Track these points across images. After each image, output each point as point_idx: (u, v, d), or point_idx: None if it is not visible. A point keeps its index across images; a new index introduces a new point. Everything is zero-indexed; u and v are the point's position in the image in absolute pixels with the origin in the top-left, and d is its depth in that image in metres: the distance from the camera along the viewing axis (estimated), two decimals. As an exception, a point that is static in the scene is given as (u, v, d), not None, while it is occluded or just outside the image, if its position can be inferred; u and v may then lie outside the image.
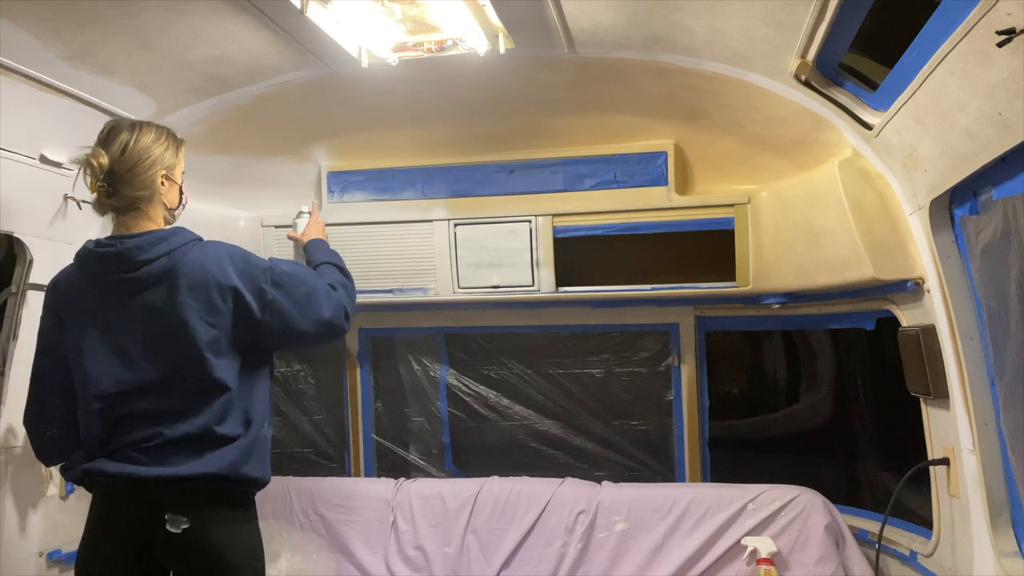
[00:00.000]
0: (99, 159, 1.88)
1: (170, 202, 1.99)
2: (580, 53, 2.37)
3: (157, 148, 1.93)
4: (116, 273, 1.88)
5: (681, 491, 2.92)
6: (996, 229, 1.73)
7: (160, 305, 1.86)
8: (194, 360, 1.86)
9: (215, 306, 1.88)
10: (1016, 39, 1.31)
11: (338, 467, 3.62)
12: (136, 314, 1.88)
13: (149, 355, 1.88)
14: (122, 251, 1.87)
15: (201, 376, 1.87)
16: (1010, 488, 1.89)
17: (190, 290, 1.86)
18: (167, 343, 1.87)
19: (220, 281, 1.88)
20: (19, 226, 2.47)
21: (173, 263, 1.87)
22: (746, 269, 2.76)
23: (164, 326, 1.87)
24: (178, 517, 1.84)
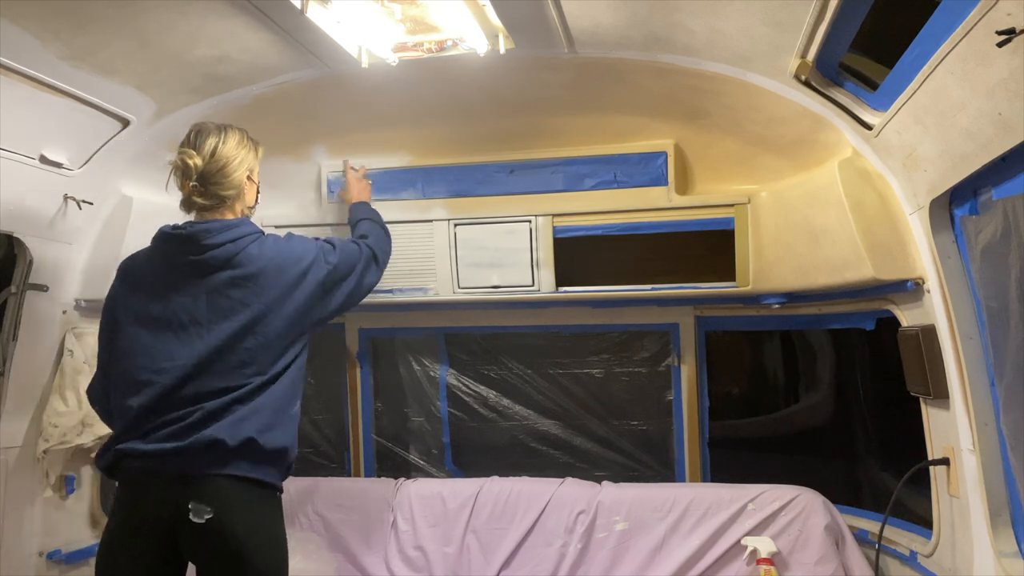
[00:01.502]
0: (194, 160, 2.05)
1: (249, 201, 2.21)
2: (580, 53, 2.37)
3: (242, 151, 2.14)
4: (184, 255, 2.04)
5: (681, 491, 2.92)
6: (996, 229, 1.73)
7: (221, 289, 2.00)
8: (247, 344, 1.98)
9: (274, 293, 2.03)
10: (1016, 39, 1.30)
11: (338, 467, 3.62)
12: (199, 296, 2.01)
13: (206, 336, 1.98)
14: (191, 233, 2.04)
15: (251, 359, 1.98)
16: (1010, 488, 1.89)
17: (251, 277, 2.02)
18: (223, 326, 1.98)
19: (279, 269, 2.06)
20: (19, 226, 2.47)
21: (238, 250, 2.03)
22: (746, 269, 2.76)
23: (223, 309, 1.99)
24: (201, 507, 1.87)
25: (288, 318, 2.05)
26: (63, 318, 2.71)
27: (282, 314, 2.04)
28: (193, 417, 1.91)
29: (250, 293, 2.01)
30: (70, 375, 2.65)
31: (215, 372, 1.96)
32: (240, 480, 1.92)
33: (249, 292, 2.01)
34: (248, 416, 1.93)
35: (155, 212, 2.81)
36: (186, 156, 2.05)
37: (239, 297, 2.00)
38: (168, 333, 2.00)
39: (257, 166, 2.23)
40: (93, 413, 2.65)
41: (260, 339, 2.00)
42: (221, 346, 1.97)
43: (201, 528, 1.86)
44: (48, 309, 2.65)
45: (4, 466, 2.54)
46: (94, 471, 2.88)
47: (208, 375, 1.95)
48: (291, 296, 2.07)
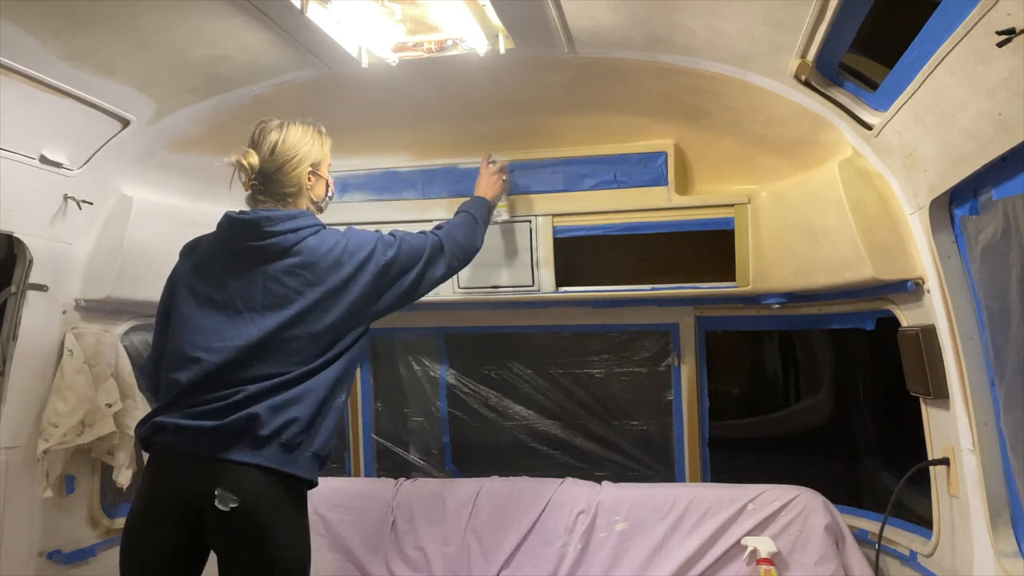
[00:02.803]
0: (250, 160, 2.09)
1: (316, 195, 2.21)
2: (580, 53, 2.37)
3: (303, 147, 2.14)
4: (245, 240, 2.07)
5: (681, 491, 2.92)
6: (996, 229, 1.73)
7: (278, 276, 2.03)
8: (296, 332, 2.00)
9: (328, 285, 2.04)
10: (1016, 39, 1.30)
11: (338, 467, 3.62)
12: (255, 281, 2.03)
13: (258, 321, 2.00)
14: (254, 219, 2.06)
15: (299, 348, 2.00)
16: (1010, 488, 1.89)
17: (307, 267, 2.03)
18: (276, 313, 2.00)
19: (336, 262, 2.06)
20: (19, 226, 2.47)
21: (298, 240, 2.05)
22: (746, 269, 2.76)
23: (278, 297, 2.01)
24: (227, 494, 1.86)
25: (340, 310, 2.05)
26: (63, 318, 2.71)
27: (335, 306, 2.05)
28: (234, 398, 1.93)
29: (304, 283, 2.03)
30: (70, 375, 2.65)
31: (263, 358, 1.98)
32: (270, 472, 1.91)
33: (304, 282, 2.03)
34: (287, 403, 1.94)
35: (155, 212, 2.81)
36: (244, 156, 2.09)
37: (294, 286, 2.03)
38: (222, 315, 2.03)
39: (326, 159, 2.23)
40: (93, 413, 2.67)
41: (310, 329, 2.01)
42: (271, 333, 1.99)
43: (224, 516, 1.86)
44: (48, 309, 2.65)
45: (4, 466, 2.54)
46: (94, 471, 2.89)
47: (256, 360, 1.98)
48: (345, 289, 2.06)
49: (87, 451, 2.75)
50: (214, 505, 1.86)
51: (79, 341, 2.71)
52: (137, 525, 1.97)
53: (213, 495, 1.86)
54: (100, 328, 2.82)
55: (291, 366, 1.99)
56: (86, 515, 2.86)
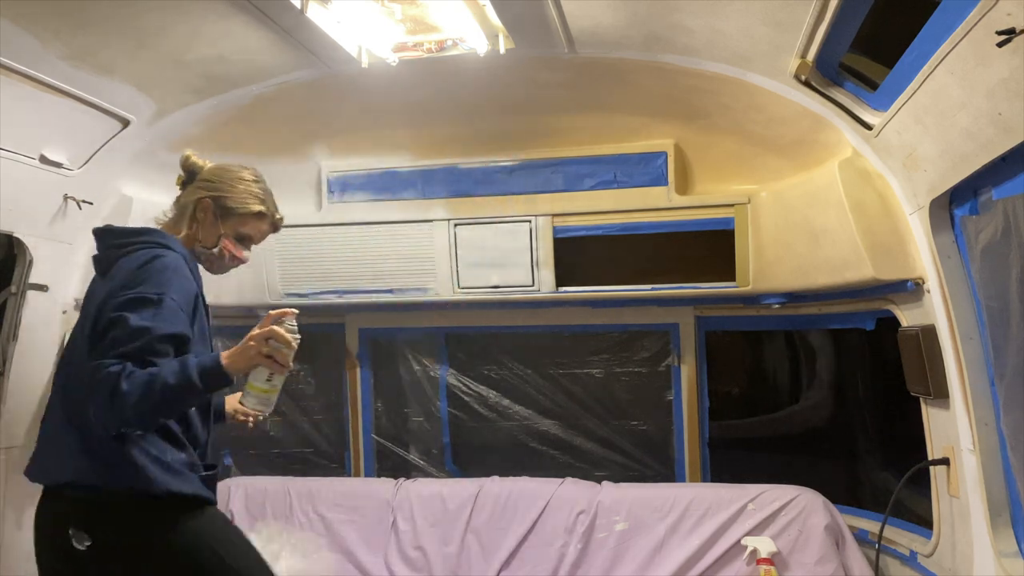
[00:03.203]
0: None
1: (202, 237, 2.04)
2: (580, 53, 2.37)
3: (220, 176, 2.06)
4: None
5: (681, 491, 2.92)
6: (996, 229, 1.73)
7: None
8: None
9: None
10: (1016, 39, 1.30)
11: (338, 467, 3.62)
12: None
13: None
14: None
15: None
16: (1010, 488, 1.89)
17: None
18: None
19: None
20: (19, 226, 2.47)
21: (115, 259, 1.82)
22: (746, 269, 2.76)
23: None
24: (80, 533, 1.71)
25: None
26: (63, 318, 2.71)
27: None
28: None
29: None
30: (70, 375, 2.65)
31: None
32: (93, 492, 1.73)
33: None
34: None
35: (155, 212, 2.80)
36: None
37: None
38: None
39: (246, 220, 2.07)
40: (93, 413, 2.66)
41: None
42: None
43: (84, 555, 1.72)
44: (48, 309, 2.65)
45: (4, 466, 2.54)
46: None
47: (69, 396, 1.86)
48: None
49: (87, 451, 2.75)
50: (72, 545, 1.75)
51: (79, 341, 2.71)
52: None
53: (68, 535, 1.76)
54: (100, 328, 2.82)
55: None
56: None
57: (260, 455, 3.62)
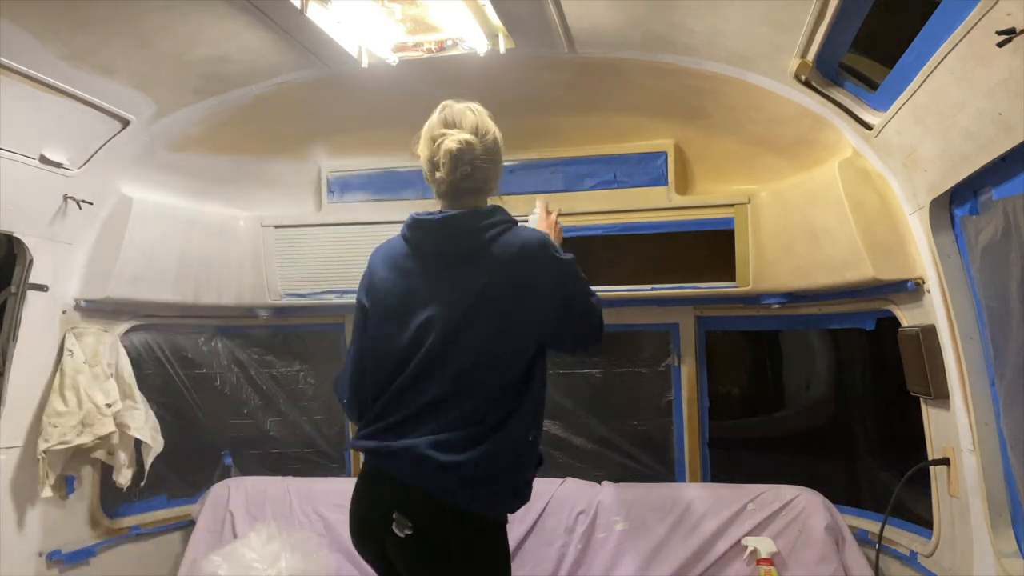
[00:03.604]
0: (464, 138, 1.83)
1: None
2: (580, 53, 2.37)
3: (494, 127, 1.92)
4: (435, 245, 1.87)
5: (681, 491, 2.92)
6: (996, 229, 1.73)
7: (469, 280, 1.80)
8: (485, 340, 1.78)
9: (519, 289, 1.80)
10: (1016, 39, 1.30)
11: (338, 467, 3.62)
12: (443, 286, 1.82)
13: (447, 330, 1.79)
14: (440, 221, 1.85)
15: (487, 359, 1.78)
16: (1010, 488, 1.89)
17: (498, 270, 1.80)
18: (468, 320, 1.78)
19: (525, 268, 1.81)
20: (19, 226, 2.47)
21: (490, 240, 1.82)
22: (746, 269, 2.76)
23: (468, 302, 1.79)
24: (404, 520, 1.73)
25: (531, 317, 1.82)
26: (63, 318, 2.71)
27: (526, 312, 1.81)
28: (407, 418, 1.79)
29: (495, 286, 1.80)
30: (70, 375, 2.65)
31: (445, 373, 1.78)
32: (444, 503, 1.73)
33: (493, 285, 1.80)
34: (467, 433, 1.74)
35: (155, 212, 2.82)
36: (454, 137, 1.82)
37: (482, 290, 1.80)
38: (414, 324, 1.83)
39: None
40: (93, 413, 2.67)
41: (500, 338, 1.80)
42: (457, 343, 1.79)
43: (402, 541, 1.74)
44: (48, 309, 2.65)
45: (4, 466, 2.54)
46: (94, 471, 2.89)
47: (436, 375, 1.79)
48: (537, 294, 1.82)
49: (87, 451, 2.75)
50: (391, 529, 1.76)
51: (79, 341, 2.71)
52: (354, 532, 1.94)
53: (391, 518, 1.77)
54: (100, 328, 2.83)
55: (475, 385, 1.80)
56: (86, 515, 2.86)
57: (260, 455, 3.62)
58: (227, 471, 3.52)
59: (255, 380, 3.59)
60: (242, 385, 3.58)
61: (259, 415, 3.61)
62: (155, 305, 2.99)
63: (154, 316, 3.11)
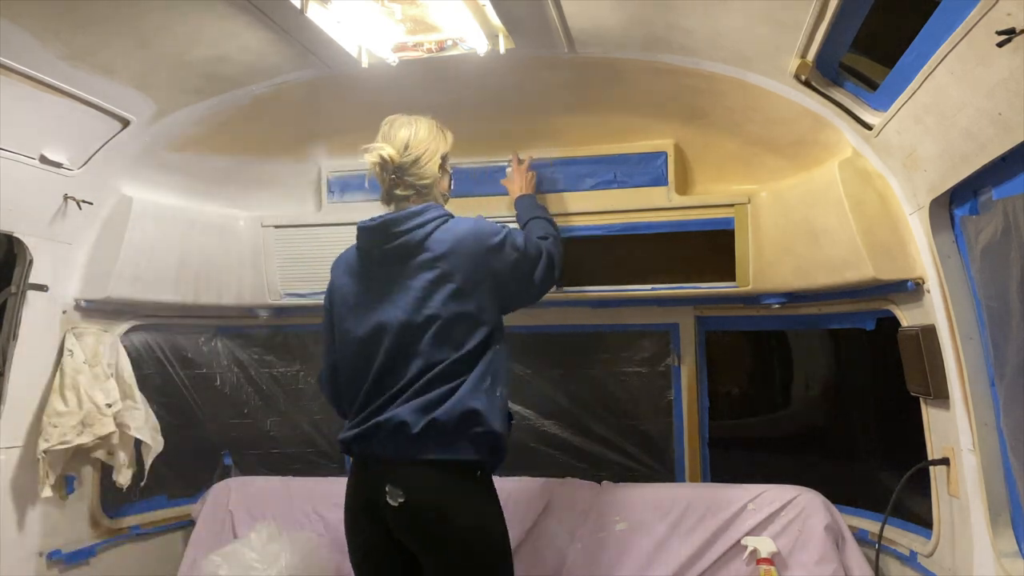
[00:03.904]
0: (387, 152, 2.13)
1: (443, 188, 2.28)
2: (580, 53, 2.37)
3: (433, 141, 2.20)
4: (378, 245, 2.14)
5: (681, 491, 2.92)
6: (996, 229, 1.73)
7: (414, 272, 2.07)
8: (439, 321, 2.03)
9: (458, 275, 2.06)
10: (1016, 39, 1.30)
11: (338, 467, 3.62)
12: (395, 281, 2.10)
13: (403, 318, 2.06)
14: (381, 223, 2.13)
15: (443, 336, 2.03)
16: (1010, 488, 1.89)
17: (441, 258, 2.06)
18: (420, 307, 2.05)
19: (468, 250, 2.08)
20: (19, 226, 2.47)
21: (426, 234, 2.09)
22: (746, 269, 2.76)
23: (417, 291, 2.06)
24: (395, 489, 1.96)
25: (478, 296, 2.08)
26: (63, 318, 2.71)
27: (473, 293, 2.07)
28: (386, 399, 2.03)
29: (440, 274, 2.06)
30: (70, 375, 2.65)
31: (411, 355, 2.03)
32: (431, 463, 1.98)
33: (439, 273, 2.06)
34: (437, 395, 1.99)
35: (155, 212, 2.82)
36: (381, 150, 2.13)
37: (431, 278, 2.06)
38: (372, 319, 2.10)
39: (447, 153, 2.28)
40: (93, 413, 2.67)
41: (451, 318, 2.04)
42: (417, 327, 2.04)
43: (397, 511, 1.96)
44: (48, 309, 2.65)
45: (4, 466, 2.54)
46: (94, 471, 2.89)
47: (404, 359, 2.04)
48: (481, 275, 2.09)
49: (87, 451, 2.75)
50: (386, 502, 1.98)
51: (79, 341, 2.71)
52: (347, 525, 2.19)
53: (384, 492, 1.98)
54: (100, 328, 2.83)
55: (440, 357, 2.04)
56: (86, 515, 2.86)
57: (260, 455, 3.62)
58: (227, 471, 3.52)
59: (255, 380, 3.59)
60: (242, 385, 3.58)
61: (259, 415, 3.60)
62: (155, 305, 3.00)
63: (154, 316, 3.11)
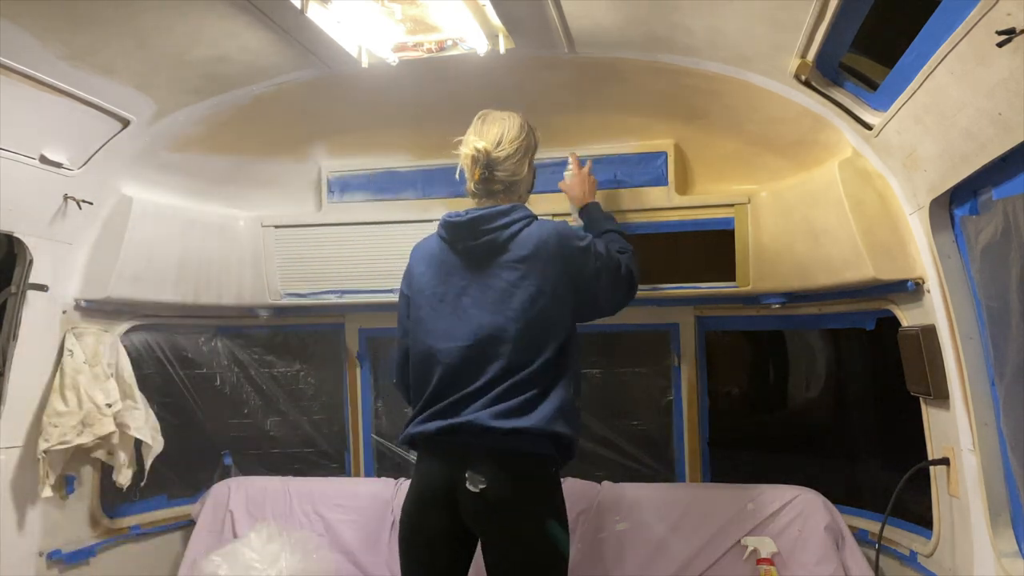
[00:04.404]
0: (481, 147, 2.14)
1: (528, 187, 2.32)
2: (580, 53, 2.37)
3: (524, 137, 2.23)
4: (463, 241, 2.16)
5: (681, 491, 2.92)
6: (996, 229, 1.73)
7: (496, 272, 2.10)
8: (524, 322, 2.06)
9: (539, 278, 2.09)
10: (1016, 39, 1.30)
11: (338, 467, 3.62)
12: (476, 279, 2.13)
13: (479, 318, 2.09)
14: (468, 220, 2.15)
15: (524, 340, 2.06)
16: (1010, 488, 1.89)
17: (523, 260, 2.09)
18: (501, 307, 2.08)
19: (547, 254, 2.10)
20: (19, 226, 2.47)
21: (511, 234, 2.11)
22: (746, 269, 2.76)
23: (498, 292, 2.09)
24: (477, 476, 2.00)
25: (558, 301, 2.10)
26: (63, 318, 2.71)
27: (553, 297, 2.09)
28: (464, 397, 2.06)
29: (522, 276, 2.08)
30: (70, 375, 2.65)
31: (489, 356, 2.06)
32: (511, 455, 2.03)
33: (521, 275, 2.08)
34: (520, 402, 2.02)
35: (155, 212, 2.82)
36: (475, 143, 2.14)
37: (512, 280, 2.09)
38: (448, 314, 2.13)
39: (535, 152, 2.30)
40: (93, 413, 2.67)
41: (532, 321, 2.07)
42: (495, 328, 2.07)
43: (476, 497, 2.00)
44: (48, 309, 2.65)
45: (4, 466, 2.54)
46: (94, 471, 2.89)
47: (482, 359, 2.07)
48: (561, 279, 2.11)
49: (87, 451, 2.75)
50: (466, 487, 2.01)
51: (79, 341, 2.71)
52: (412, 513, 2.22)
53: (464, 478, 2.03)
54: (100, 328, 2.83)
55: (519, 359, 2.06)
56: (86, 515, 2.86)
57: (260, 455, 3.62)
58: (227, 471, 3.52)
59: (255, 380, 3.59)
60: (242, 385, 3.58)
61: (259, 415, 3.61)
62: (155, 305, 3.00)
63: (154, 316, 3.11)
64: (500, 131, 2.18)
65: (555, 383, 2.08)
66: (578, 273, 2.13)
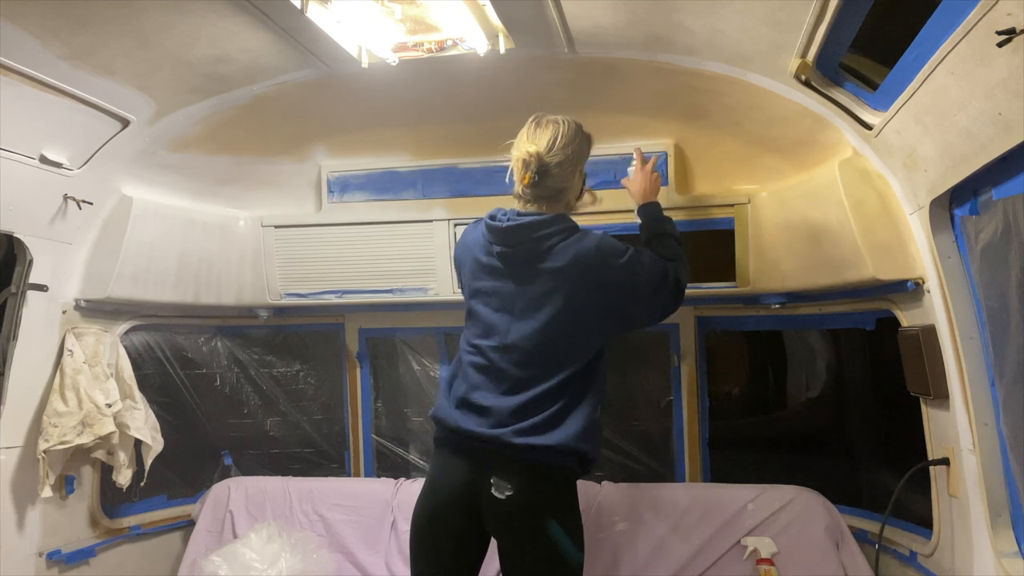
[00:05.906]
0: (534, 151, 2.09)
1: (576, 194, 2.25)
2: (580, 53, 2.37)
3: (578, 144, 2.17)
4: (504, 245, 2.12)
5: (681, 491, 2.92)
6: (996, 229, 1.73)
7: (533, 280, 2.08)
8: (554, 333, 2.05)
9: (574, 290, 2.05)
10: (1016, 39, 1.30)
11: (338, 467, 3.62)
12: (510, 284, 2.11)
13: (515, 325, 2.08)
14: (509, 227, 2.10)
15: (558, 349, 2.05)
16: (1010, 488, 1.89)
17: (558, 272, 2.06)
18: (532, 314, 2.07)
19: (588, 265, 2.05)
20: (19, 226, 2.47)
21: (552, 244, 2.07)
22: (746, 269, 2.76)
23: (531, 300, 2.07)
24: (503, 482, 1.99)
25: (589, 314, 2.08)
26: (63, 318, 2.71)
27: (584, 310, 2.07)
28: (487, 404, 2.05)
29: (555, 286, 2.06)
30: (70, 375, 2.65)
31: (515, 363, 2.06)
32: (536, 464, 2.01)
33: (555, 285, 2.06)
34: (545, 418, 2.02)
35: (155, 212, 2.82)
36: (528, 147, 2.09)
37: (545, 289, 2.06)
38: (484, 314, 2.14)
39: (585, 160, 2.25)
40: (93, 413, 2.67)
41: (561, 332, 2.06)
42: (524, 336, 2.06)
43: (501, 504, 1.99)
44: (48, 309, 2.65)
45: (4, 466, 2.54)
46: (94, 471, 2.89)
47: (507, 364, 2.06)
48: (597, 293, 2.07)
49: (87, 451, 2.75)
50: (490, 493, 2.01)
51: (79, 341, 2.71)
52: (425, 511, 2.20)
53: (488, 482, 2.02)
54: (100, 328, 2.83)
55: (548, 371, 2.06)
56: (86, 515, 2.86)
57: (260, 455, 3.62)
58: (227, 471, 3.52)
59: (255, 380, 3.59)
60: (242, 385, 3.58)
61: (259, 415, 3.61)
62: (155, 305, 3.00)
63: (154, 316, 3.11)
64: (553, 136, 2.11)
65: (581, 398, 2.07)
66: (615, 289, 2.08)
